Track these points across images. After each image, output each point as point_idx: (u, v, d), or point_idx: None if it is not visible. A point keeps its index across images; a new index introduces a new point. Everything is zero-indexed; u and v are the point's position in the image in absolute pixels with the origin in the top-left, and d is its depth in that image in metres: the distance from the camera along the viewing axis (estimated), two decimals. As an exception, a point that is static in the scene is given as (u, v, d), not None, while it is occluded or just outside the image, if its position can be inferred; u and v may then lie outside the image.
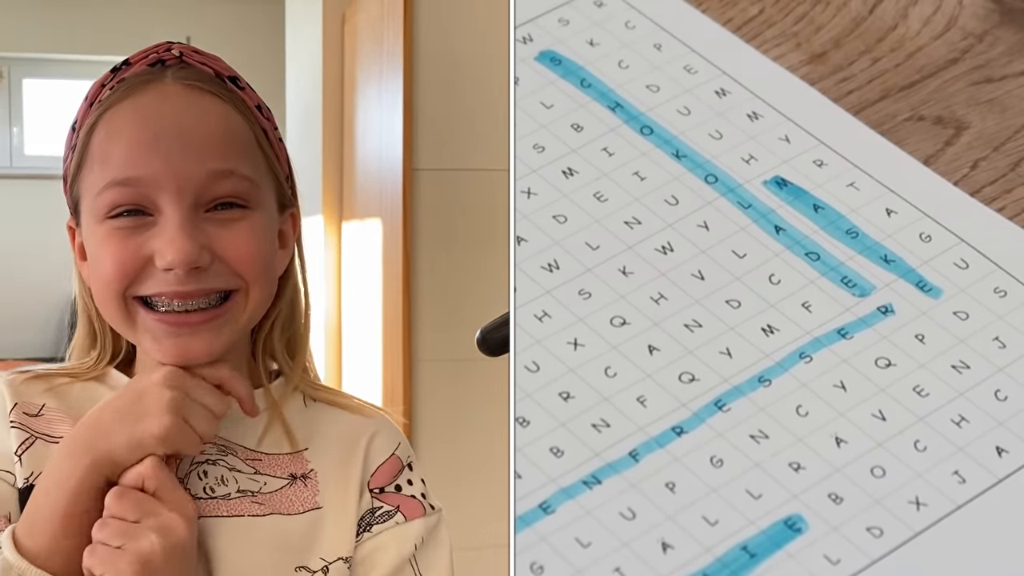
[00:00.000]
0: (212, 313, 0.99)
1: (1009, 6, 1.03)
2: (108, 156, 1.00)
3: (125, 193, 0.99)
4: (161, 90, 1.02)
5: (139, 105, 1.01)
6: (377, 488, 1.04)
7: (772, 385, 0.86)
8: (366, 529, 1.03)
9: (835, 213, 0.93)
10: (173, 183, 0.98)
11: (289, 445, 1.04)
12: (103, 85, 1.05)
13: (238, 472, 1.01)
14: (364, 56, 2.99)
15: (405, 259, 2.66)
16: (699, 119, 0.97)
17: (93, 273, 1.03)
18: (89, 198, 1.01)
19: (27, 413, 1.03)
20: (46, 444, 1.02)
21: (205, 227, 0.99)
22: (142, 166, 0.99)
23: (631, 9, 1.02)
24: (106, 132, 1.01)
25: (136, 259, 0.99)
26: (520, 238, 0.91)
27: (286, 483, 1.02)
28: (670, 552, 0.79)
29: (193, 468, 1.01)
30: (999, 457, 0.83)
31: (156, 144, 0.99)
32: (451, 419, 2.68)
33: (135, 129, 1.00)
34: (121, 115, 1.01)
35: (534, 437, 0.83)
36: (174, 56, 1.05)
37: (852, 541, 0.80)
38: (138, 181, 0.99)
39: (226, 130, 1.02)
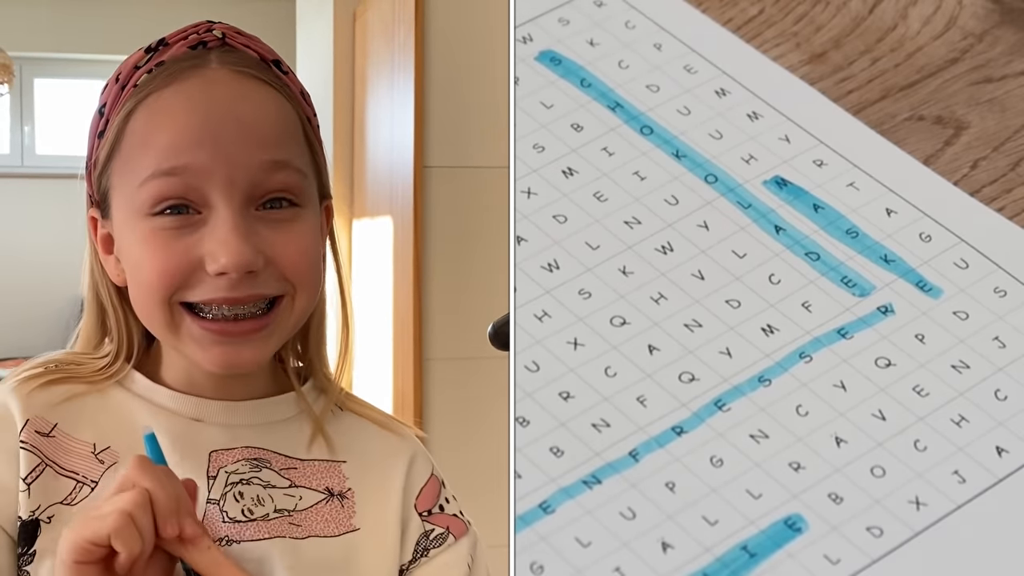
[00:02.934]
0: (261, 322, 0.95)
1: (1009, 6, 1.03)
2: (151, 143, 0.94)
3: (172, 184, 0.93)
4: (208, 76, 0.96)
5: (185, 90, 0.95)
6: (425, 511, 1.03)
7: (772, 385, 0.86)
8: (423, 554, 1.02)
9: (835, 213, 0.93)
10: (225, 173, 0.93)
11: (328, 452, 1.01)
12: (136, 67, 0.98)
13: (273, 488, 0.98)
14: (375, 54, 2.99)
15: (416, 257, 2.66)
16: (699, 119, 0.97)
17: (132, 274, 0.97)
18: (127, 188, 0.95)
19: (40, 432, 0.97)
20: (55, 476, 0.96)
21: (258, 228, 0.94)
22: (191, 154, 0.93)
23: (631, 9, 1.02)
24: (147, 117, 0.95)
25: (183, 263, 0.93)
26: (520, 238, 0.91)
27: (322, 499, 0.99)
28: (670, 552, 0.79)
29: (229, 489, 0.97)
30: (999, 457, 0.83)
31: (206, 132, 0.93)
32: (462, 417, 2.68)
33: (182, 114, 0.94)
34: (165, 101, 0.95)
35: (534, 437, 0.83)
36: (216, 38, 0.99)
37: (852, 541, 0.80)
38: (186, 170, 0.92)
39: (278, 119, 0.97)
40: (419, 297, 2.69)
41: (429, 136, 2.76)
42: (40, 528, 0.94)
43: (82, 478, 0.96)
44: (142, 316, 0.98)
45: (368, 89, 3.05)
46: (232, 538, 0.95)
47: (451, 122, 2.76)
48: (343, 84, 3.19)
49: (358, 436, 1.04)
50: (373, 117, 2.98)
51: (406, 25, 2.73)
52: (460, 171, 2.78)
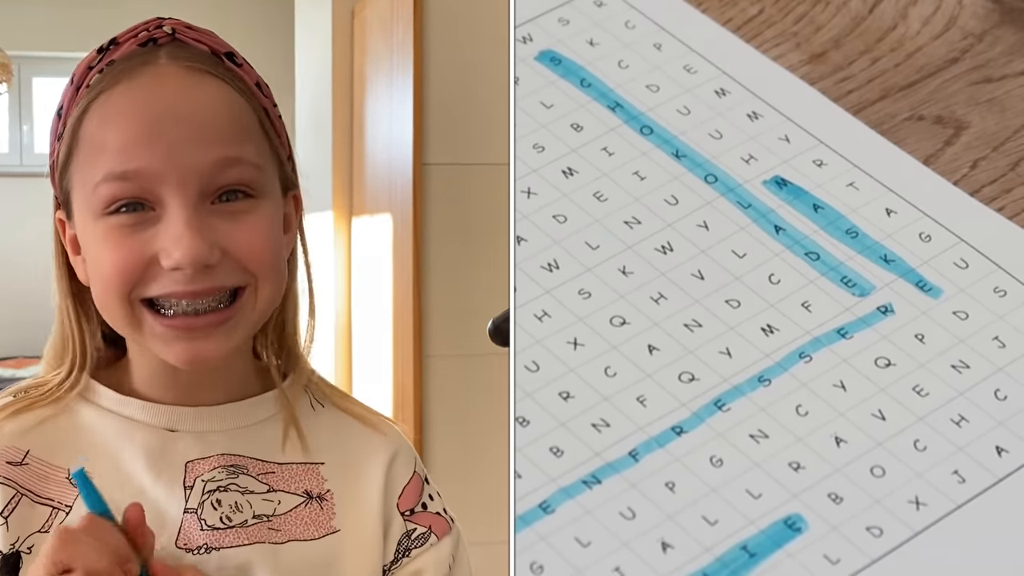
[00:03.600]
0: (223, 314, 0.93)
1: (1009, 6, 1.03)
2: (102, 146, 0.93)
3: (124, 187, 0.92)
4: (157, 73, 0.94)
5: (134, 90, 0.94)
6: (408, 510, 1.01)
7: (772, 385, 0.86)
8: (404, 554, 1.00)
9: (835, 213, 0.93)
10: (176, 174, 0.91)
11: (303, 454, 1.00)
12: (90, 67, 0.97)
13: (251, 494, 0.97)
14: (374, 51, 2.99)
15: (415, 254, 2.66)
16: (699, 119, 0.97)
17: (92, 274, 0.96)
18: (83, 191, 0.94)
19: (11, 463, 0.96)
20: (32, 505, 0.95)
21: (212, 221, 0.93)
22: (142, 157, 0.91)
23: (631, 9, 1.02)
24: (99, 120, 0.94)
25: (140, 259, 0.92)
26: (520, 238, 0.91)
27: (301, 502, 0.98)
28: (670, 552, 0.79)
29: (206, 497, 0.96)
30: (999, 457, 0.83)
31: (156, 132, 0.92)
32: (462, 414, 2.68)
33: (131, 116, 0.93)
34: (114, 101, 0.94)
35: (534, 437, 0.83)
36: (166, 34, 0.97)
37: (852, 541, 0.80)
38: (137, 174, 0.91)
39: (230, 114, 0.95)
40: (419, 294, 2.69)
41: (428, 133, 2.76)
42: (22, 560, 0.93)
43: (57, 504, 0.94)
44: (105, 315, 0.97)
45: (367, 86, 3.05)
46: (212, 545, 0.94)
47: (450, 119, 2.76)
48: (342, 81, 3.19)
49: (337, 435, 1.02)
50: (372, 114, 2.99)
51: (404, 22, 2.73)
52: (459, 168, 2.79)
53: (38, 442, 0.97)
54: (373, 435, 1.03)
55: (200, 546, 0.93)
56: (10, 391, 1.02)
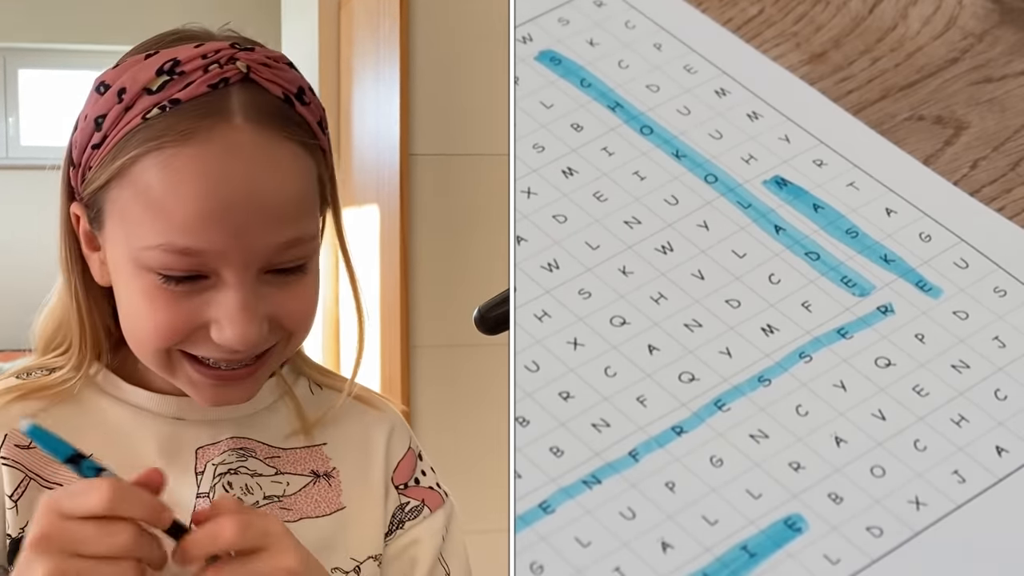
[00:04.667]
0: (255, 367, 0.93)
1: (1009, 6, 1.03)
2: (162, 209, 0.88)
3: (183, 262, 0.88)
4: (230, 140, 0.89)
5: (206, 158, 0.88)
6: (401, 484, 1.03)
7: (772, 385, 0.86)
8: (398, 527, 1.02)
9: (835, 213, 0.93)
10: (241, 257, 0.89)
11: (305, 437, 1.01)
12: (148, 91, 0.90)
13: (260, 476, 0.98)
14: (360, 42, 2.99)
15: (403, 245, 2.66)
16: (699, 119, 0.97)
17: (129, 317, 0.93)
18: (130, 238, 0.90)
19: (19, 446, 0.94)
20: (39, 489, 0.93)
21: (264, 290, 0.91)
22: (208, 238, 0.88)
23: (631, 9, 1.02)
24: (162, 177, 0.88)
25: (187, 324, 0.90)
26: (520, 238, 0.91)
27: (309, 481, 0.99)
28: (670, 552, 0.79)
29: (217, 481, 0.96)
30: (999, 457, 0.83)
31: (226, 214, 0.88)
32: (450, 405, 2.68)
33: (201, 191, 0.88)
34: (182, 165, 0.88)
35: (534, 437, 0.83)
36: (239, 71, 0.91)
37: (852, 541, 0.80)
38: (201, 253, 0.88)
39: (300, 189, 0.92)
40: (406, 284, 2.70)
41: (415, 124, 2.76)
42: None
43: None
44: (136, 352, 0.95)
45: (354, 78, 3.05)
46: None
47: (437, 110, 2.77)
48: (328, 73, 3.19)
49: (337, 416, 1.03)
50: (359, 106, 2.98)
51: (391, 13, 2.73)
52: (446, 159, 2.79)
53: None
54: (370, 412, 1.05)
55: None
56: (11, 372, 1.01)
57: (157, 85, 0.91)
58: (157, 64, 0.92)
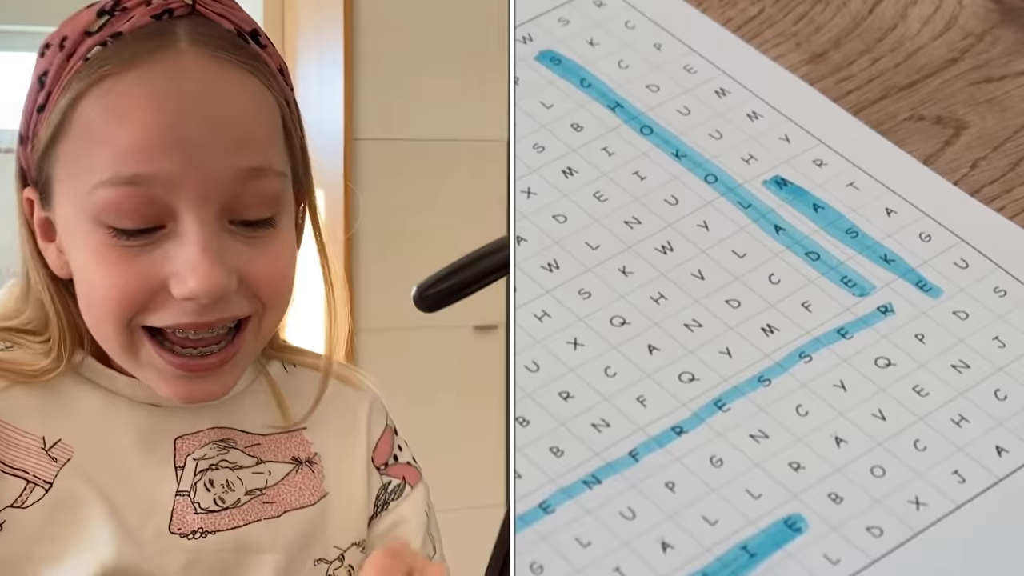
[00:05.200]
0: (226, 353, 0.87)
1: (1009, 6, 1.03)
2: (108, 141, 0.81)
3: (132, 195, 0.81)
4: (176, 62, 0.83)
5: (150, 80, 0.82)
6: (382, 464, 1.00)
7: (772, 385, 0.86)
8: (383, 508, 0.99)
9: (835, 213, 0.93)
10: (196, 184, 0.81)
11: (284, 421, 0.96)
12: (87, 33, 0.85)
13: (241, 468, 0.93)
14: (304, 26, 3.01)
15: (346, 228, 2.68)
16: (699, 119, 0.97)
17: (84, 289, 0.86)
18: (77, 186, 0.83)
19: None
20: (3, 478, 0.86)
21: (230, 243, 0.84)
22: (156, 160, 0.80)
23: (631, 9, 1.02)
24: (103, 108, 0.82)
25: (145, 285, 0.83)
26: (520, 238, 0.91)
27: (291, 468, 0.95)
28: (670, 552, 0.79)
29: (199, 478, 0.91)
30: (999, 457, 0.83)
31: (174, 133, 0.81)
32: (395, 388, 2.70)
33: (147, 111, 0.81)
34: (124, 90, 0.82)
35: (534, 437, 0.83)
36: (184, 3, 0.85)
37: (852, 541, 0.80)
38: (150, 180, 0.81)
39: (257, 114, 0.86)
40: (349, 268, 2.71)
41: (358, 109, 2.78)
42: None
43: (33, 477, 0.87)
44: (96, 335, 0.88)
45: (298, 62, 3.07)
46: (207, 529, 0.90)
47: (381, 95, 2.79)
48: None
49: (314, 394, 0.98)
50: (303, 90, 3.01)
51: (335, -2, 2.76)
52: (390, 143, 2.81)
53: (6, 405, 0.88)
54: (348, 391, 1.01)
55: (195, 531, 0.90)
56: None
57: (98, 26, 0.85)
58: (98, 7, 0.87)
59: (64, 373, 0.91)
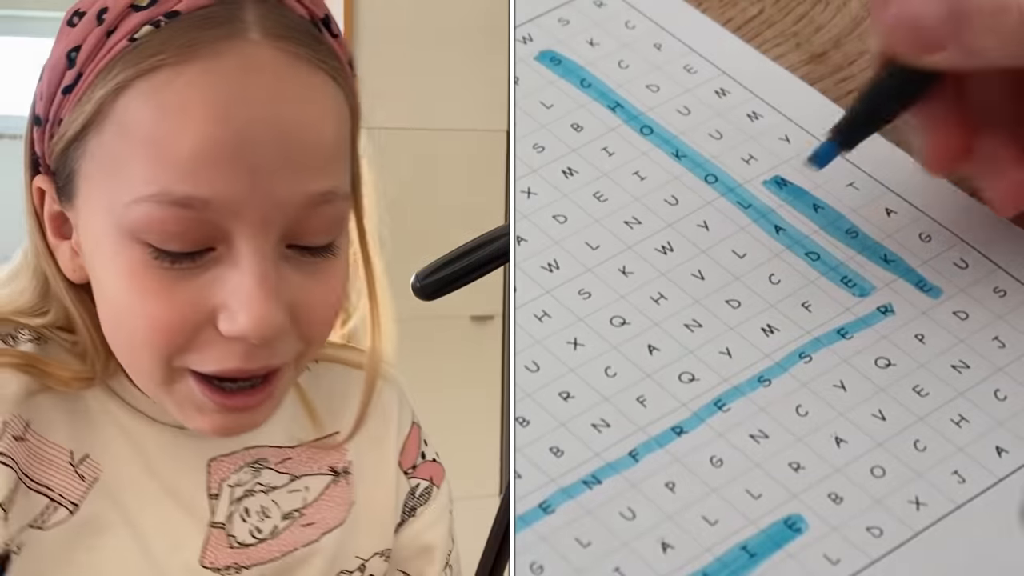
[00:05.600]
0: (267, 389, 0.78)
1: (1009, 6, 1.03)
2: (158, 148, 0.69)
3: (182, 218, 0.70)
4: (245, 58, 0.70)
5: (213, 79, 0.69)
6: (410, 467, 0.95)
7: (772, 385, 0.86)
8: (410, 514, 0.95)
9: (835, 213, 0.93)
10: (258, 211, 0.71)
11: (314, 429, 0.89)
12: (135, 7, 0.71)
13: (275, 490, 0.87)
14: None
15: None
16: (699, 119, 0.97)
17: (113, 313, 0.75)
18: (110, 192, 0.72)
19: (16, 437, 0.78)
20: (26, 492, 0.78)
21: (286, 272, 0.74)
22: (216, 181, 0.69)
23: (631, 9, 1.02)
24: (155, 106, 0.69)
25: (189, 318, 0.72)
26: (520, 238, 0.91)
27: (329, 481, 0.88)
28: (670, 552, 0.79)
29: (234, 508, 0.84)
30: (999, 457, 0.83)
31: (240, 149, 0.69)
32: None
33: (209, 120, 0.69)
34: (183, 89, 0.69)
35: (534, 437, 0.83)
36: None
37: (852, 541, 0.79)
38: (206, 204, 0.70)
39: (332, 126, 0.75)
40: None
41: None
42: (10, 562, 0.78)
43: (58, 496, 0.79)
44: (125, 364, 0.79)
45: None
46: (241, 564, 0.85)
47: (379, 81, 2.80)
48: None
49: (345, 393, 0.92)
50: None
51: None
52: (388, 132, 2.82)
53: (38, 413, 0.79)
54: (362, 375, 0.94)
55: (229, 566, 0.84)
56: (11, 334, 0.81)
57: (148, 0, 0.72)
58: None
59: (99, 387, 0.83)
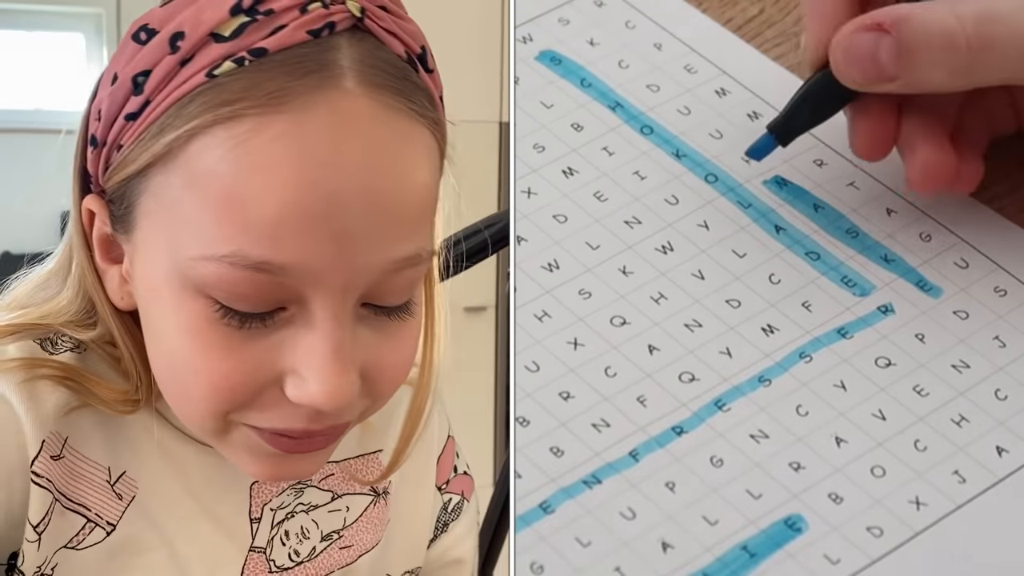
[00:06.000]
0: (331, 442, 0.73)
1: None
2: (236, 206, 0.63)
3: (256, 282, 0.64)
4: (340, 111, 0.64)
5: (303, 136, 0.63)
6: (444, 482, 0.92)
7: (772, 385, 0.86)
8: (442, 530, 0.93)
9: (835, 212, 0.93)
10: (340, 278, 0.65)
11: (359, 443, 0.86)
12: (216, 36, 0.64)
13: (316, 509, 0.83)
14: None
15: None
16: (699, 119, 0.97)
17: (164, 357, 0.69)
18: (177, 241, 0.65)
19: (54, 456, 0.73)
20: (62, 512, 0.73)
21: (360, 333, 0.69)
22: (299, 249, 0.63)
23: (631, 9, 1.02)
24: (236, 160, 0.63)
25: (253, 379, 0.67)
26: (520, 238, 0.91)
27: (369, 502, 0.86)
28: (670, 552, 0.79)
29: (275, 532, 0.81)
30: (999, 457, 0.83)
31: (329, 218, 0.63)
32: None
33: (296, 184, 0.62)
34: (269, 144, 0.62)
35: (534, 437, 0.83)
36: (350, 16, 0.66)
37: (852, 541, 0.79)
38: (283, 270, 0.64)
39: (424, 184, 0.69)
40: None
41: None
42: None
43: (95, 516, 0.75)
44: (176, 410, 0.73)
45: None
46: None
47: None
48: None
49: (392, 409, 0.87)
50: None
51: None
52: None
53: (76, 429, 0.74)
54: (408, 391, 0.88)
55: None
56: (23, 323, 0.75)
57: (232, 29, 0.65)
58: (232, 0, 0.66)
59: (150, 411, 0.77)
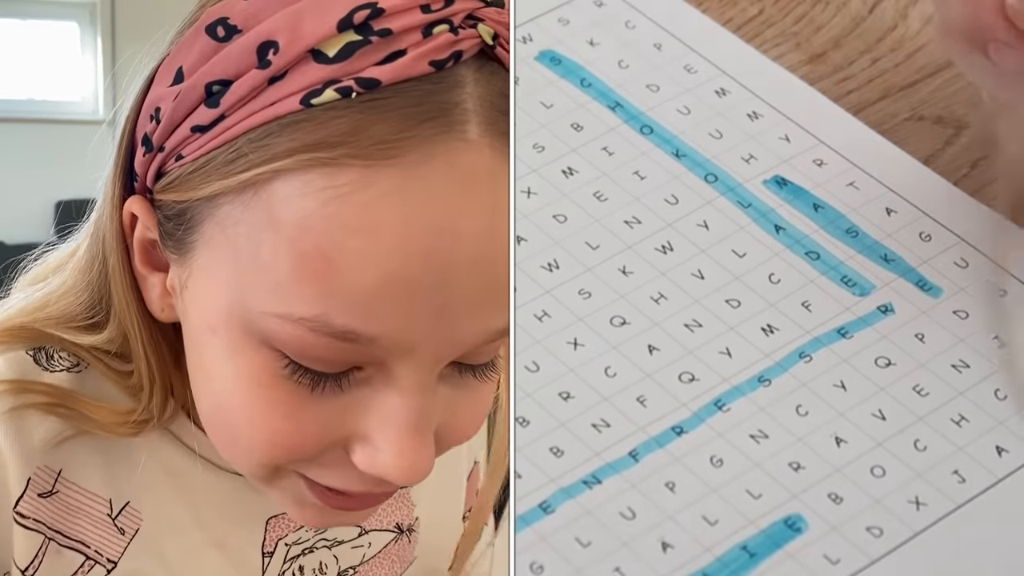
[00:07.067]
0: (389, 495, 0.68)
1: (1009, 6, 1.03)
2: (327, 265, 0.54)
3: (337, 348, 0.56)
4: (459, 164, 0.56)
5: (417, 194, 0.54)
6: (468, 510, 0.89)
7: (772, 385, 0.86)
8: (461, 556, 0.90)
9: (835, 212, 0.93)
10: (432, 350, 0.57)
11: None
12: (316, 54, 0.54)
13: (340, 544, 0.78)
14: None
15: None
16: (699, 119, 0.97)
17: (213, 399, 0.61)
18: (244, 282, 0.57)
19: (43, 494, 0.67)
20: (58, 551, 0.68)
21: (440, 391, 0.61)
22: (392, 322, 0.55)
23: (631, 9, 1.02)
24: (330, 216, 0.53)
25: (317, 441, 0.59)
26: (520, 238, 0.91)
27: (392, 539, 0.82)
28: (670, 552, 0.79)
29: (287, 566, 0.76)
30: (999, 457, 0.83)
31: (433, 293, 0.55)
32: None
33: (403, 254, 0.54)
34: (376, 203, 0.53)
35: (534, 437, 0.83)
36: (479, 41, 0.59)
37: (852, 541, 0.79)
38: (372, 341, 0.56)
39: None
40: None
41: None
42: None
43: (94, 553, 0.69)
44: (224, 452, 0.66)
45: None
46: None
47: None
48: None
49: None
50: None
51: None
52: None
53: (70, 459, 0.68)
54: None
55: None
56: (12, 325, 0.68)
57: (338, 48, 0.55)
58: (342, 9, 0.55)
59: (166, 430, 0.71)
